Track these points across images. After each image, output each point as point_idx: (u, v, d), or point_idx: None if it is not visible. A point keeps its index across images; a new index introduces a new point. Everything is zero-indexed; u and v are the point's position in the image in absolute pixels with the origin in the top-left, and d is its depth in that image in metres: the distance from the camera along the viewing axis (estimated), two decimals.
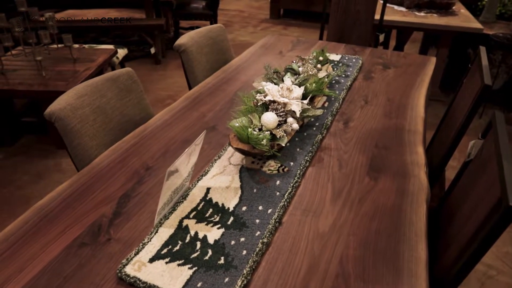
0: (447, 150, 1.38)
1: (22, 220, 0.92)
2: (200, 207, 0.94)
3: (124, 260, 0.79)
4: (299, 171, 1.07)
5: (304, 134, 1.25)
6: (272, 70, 1.43)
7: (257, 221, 0.89)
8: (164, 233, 0.86)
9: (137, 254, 0.81)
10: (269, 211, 0.92)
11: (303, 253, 0.84)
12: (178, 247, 0.83)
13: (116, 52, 2.80)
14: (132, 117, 1.37)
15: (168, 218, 0.90)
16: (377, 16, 2.63)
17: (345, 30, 2.46)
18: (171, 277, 0.76)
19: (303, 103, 1.22)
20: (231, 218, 0.90)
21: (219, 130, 1.29)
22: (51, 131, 1.13)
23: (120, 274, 0.76)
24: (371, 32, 2.49)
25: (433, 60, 1.96)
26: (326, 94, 1.44)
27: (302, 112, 1.21)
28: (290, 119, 1.17)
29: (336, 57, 1.92)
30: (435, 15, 3.22)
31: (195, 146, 0.94)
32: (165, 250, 0.82)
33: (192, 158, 0.97)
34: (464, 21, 3.07)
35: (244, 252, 0.81)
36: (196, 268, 0.78)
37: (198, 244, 0.83)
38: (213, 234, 0.86)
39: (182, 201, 0.95)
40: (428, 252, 0.86)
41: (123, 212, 0.94)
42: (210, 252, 0.81)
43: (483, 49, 1.45)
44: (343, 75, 1.71)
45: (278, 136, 1.09)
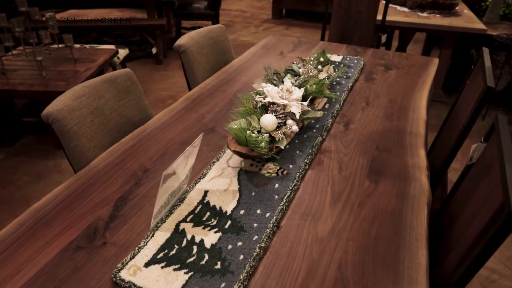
0: (450, 152, 1.36)
1: (18, 222, 0.91)
2: (198, 211, 0.93)
3: (120, 265, 0.78)
4: (298, 174, 1.05)
5: (304, 136, 1.23)
6: (272, 71, 1.42)
7: (255, 225, 0.88)
8: (161, 237, 0.85)
9: (133, 258, 0.80)
10: (267, 215, 0.91)
11: (301, 258, 0.82)
12: (174, 251, 0.81)
13: (117, 52, 2.79)
14: (131, 118, 1.36)
15: (165, 222, 0.89)
16: (379, 17, 2.61)
17: (347, 31, 2.44)
18: (167, 282, 0.74)
19: (303, 105, 1.21)
20: (229, 222, 0.89)
21: (218, 132, 1.28)
22: (51, 132, 1.12)
23: (115, 279, 0.75)
24: (373, 33, 2.48)
25: (436, 61, 1.94)
26: (327, 96, 1.43)
27: (302, 114, 1.20)
28: (290, 121, 1.15)
29: (338, 58, 1.90)
30: (438, 16, 3.20)
31: (193, 148, 0.93)
32: (161, 254, 0.81)
33: (190, 160, 0.95)
34: (468, 22, 3.05)
35: (241, 257, 0.80)
36: (192, 273, 0.77)
37: (195, 249, 0.82)
38: (210, 238, 0.85)
39: (179, 204, 0.94)
40: (429, 257, 0.85)
41: (120, 215, 0.93)
42: (207, 257, 0.80)
43: (486, 51, 1.44)
44: (344, 76, 1.70)
45: (277, 139, 1.08)
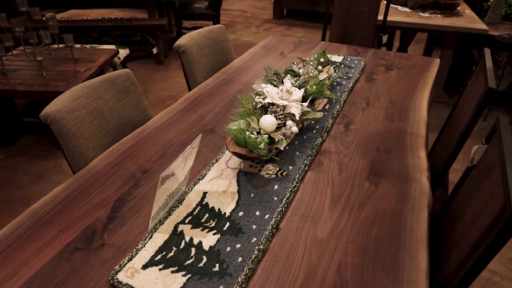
0: (451, 153, 1.35)
1: (16, 224, 0.90)
2: (196, 212, 0.92)
3: (117, 267, 0.78)
4: (298, 175, 1.04)
5: (304, 137, 1.23)
6: (272, 72, 1.41)
7: (254, 227, 0.87)
8: (159, 239, 0.84)
9: (130, 260, 0.79)
10: (266, 217, 0.90)
11: (300, 260, 0.82)
12: (172, 253, 0.81)
13: (118, 53, 2.79)
14: (130, 119, 1.35)
15: (163, 223, 0.88)
16: (380, 17, 2.60)
17: (348, 31, 2.43)
18: (164, 285, 0.74)
19: (303, 106, 1.20)
20: (227, 224, 0.88)
21: (218, 133, 1.27)
22: (52, 132, 1.12)
23: (113, 281, 0.75)
24: (374, 33, 2.47)
25: (437, 62, 1.93)
26: (327, 96, 1.42)
27: (302, 115, 1.19)
28: (290, 122, 1.15)
29: (338, 59, 1.90)
30: (440, 16, 3.19)
31: (192, 149, 0.93)
32: (159, 257, 0.80)
33: (189, 162, 0.95)
34: (469, 22, 3.03)
35: (240, 259, 0.79)
36: (190, 276, 0.76)
37: (193, 251, 0.82)
38: (209, 240, 0.84)
39: (178, 206, 0.94)
40: (430, 259, 0.84)
41: (118, 217, 0.92)
42: (205, 259, 0.80)
43: (488, 51, 1.43)
44: (345, 77, 1.69)
45: (277, 140, 1.07)
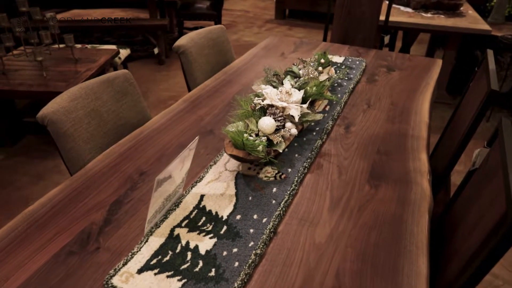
0: (453, 155, 1.33)
1: (11, 227, 0.89)
2: (193, 215, 0.91)
3: (112, 271, 0.77)
4: (297, 178, 1.03)
5: (304, 139, 1.21)
6: (272, 73, 1.40)
7: (251, 231, 0.86)
8: (155, 243, 0.83)
9: (126, 265, 0.78)
10: (264, 220, 0.89)
11: (298, 265, 0.80)
12: (168, 258, 0.80)
13: (118, 53, 2.78)
14: (128, 120, 1.34)
15: (159, 227, 0.87)
16: (383, 17, 2.58)
17: (349, 32, 2.42)
18: None
19: (303, 107, 1.19)
20: (224, 227, 0.87)
21: (216, 134, 1.26)
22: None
23: (107, 286, 0.73)
24: (376, 34, 2.45)
25: (439, 63, 1.91)
26: (327, 98, 1.40)
27: (302, 117, 1.18)
28: (289, 124, 1.13)
29: (339, 59, 1.88)
30: (442, 16, 3.16)
31: (189, 151, 0.91)
32: (155, 261, 0.79)
33: (186, 164, 0.94)
34: (472, 23, 3.01)
35: (236, 264, 0.78)
36: (186, 280, 0.75)
37: (189, 255, 0.80)
38: (205, 244, 0.83)
39: (175, 209, 0.92)
40: (430, 263, 0.83)
41: (114, 220, 0.91)
42: (201, 263, 0.78)
43: (491, 53, 1.41)
44: (346, 78, 1.67)
45: (276, 142, 1.06)
